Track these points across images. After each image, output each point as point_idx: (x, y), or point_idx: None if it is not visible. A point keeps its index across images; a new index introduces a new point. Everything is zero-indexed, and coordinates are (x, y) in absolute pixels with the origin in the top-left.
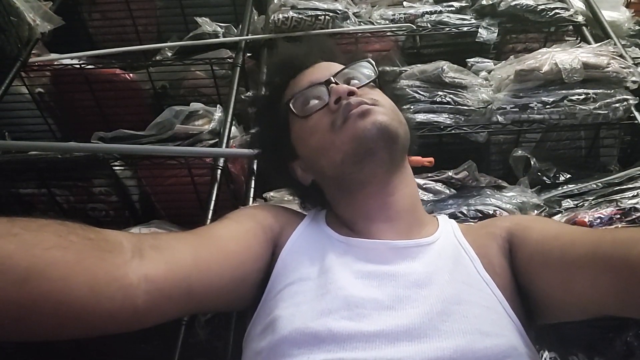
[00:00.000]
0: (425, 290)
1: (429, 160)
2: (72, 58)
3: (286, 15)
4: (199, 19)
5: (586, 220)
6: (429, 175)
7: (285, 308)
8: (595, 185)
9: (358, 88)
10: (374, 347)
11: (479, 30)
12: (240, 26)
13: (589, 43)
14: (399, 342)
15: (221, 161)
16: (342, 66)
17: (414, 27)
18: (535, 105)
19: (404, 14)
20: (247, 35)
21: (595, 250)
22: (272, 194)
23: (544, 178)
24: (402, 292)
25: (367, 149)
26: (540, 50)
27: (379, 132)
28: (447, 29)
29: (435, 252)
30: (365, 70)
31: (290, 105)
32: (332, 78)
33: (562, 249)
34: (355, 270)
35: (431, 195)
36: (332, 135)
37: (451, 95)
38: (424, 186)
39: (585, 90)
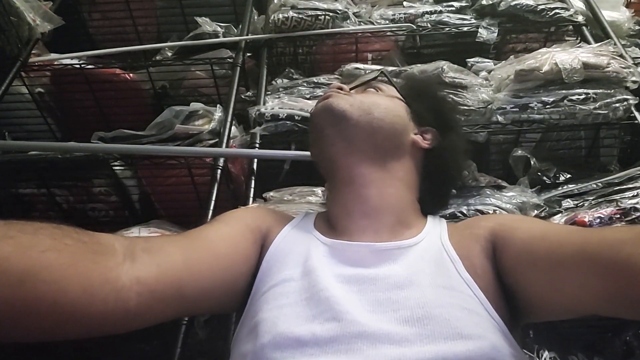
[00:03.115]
0: (405, 292)
1: None
2: (72, 58)
3: (286, 15)
4: (199, 19)
5: (586, 220)
6: None
7: (268, 310)
8: (595, 185)
9: (352, 88)
10: (355, 349)
11: (479, 30)
12: (240, 26)
13: (589, 43)
14: (381, 344)
15: (221, 161)
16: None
17: (414, 27)
18: (535, 105)
19: (404, 14)
20: (247, 35)
21: (583, 250)
22: (272, 194)
23: (544, 178)
24: (382, 295)
25: (315, 126)
26: (540, 50)
27: (323, 109)
28: (447, 29)
29: (416, 254)
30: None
31: None
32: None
33: (549, 249)
34: (337, 274)
35: None
36: None
37: (451, 95)
38: None
39: (585, 90)
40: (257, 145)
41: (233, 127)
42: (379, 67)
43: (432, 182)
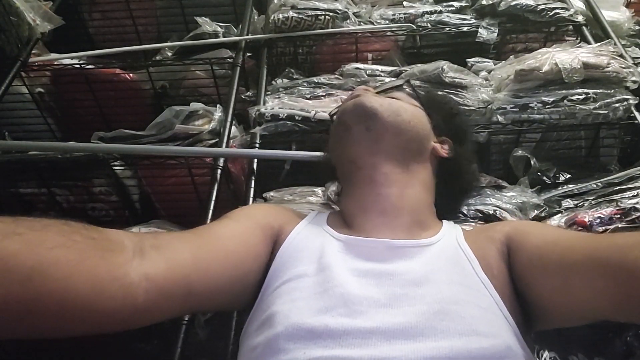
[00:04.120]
0: (422, 289)
1: None
2: (72, 58)
3: (286, 15)
4: (199, 19)
5: (586, 220)
6: None
7: (282, 304)
8: (595, 185)
9: (379, 92)
10: (370, 344)
11: (479, 30)
12: (240, 26)
13: (589, 43)
14: (395, 340)
15: (221, 161)
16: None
17: (414, 27)
18: (535, 105)
19: (404, 13)
20: (247, 35)
21: (592, 255)
22: (272, 193)
23: (544, 178)
24: (399, 291)
25: (342, 123)
26: (540, 50)
27: (354, 106)
28: (447, 29)
29: (433, 253)
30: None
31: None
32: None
33: (560, 254)
34: (353, 269)
35: None
36: None
37: (451, 95)
38: None
39: (585, 90)
40: (257, 145)
41: (233, 127)
42: (379, 67)
43: (446, 189)
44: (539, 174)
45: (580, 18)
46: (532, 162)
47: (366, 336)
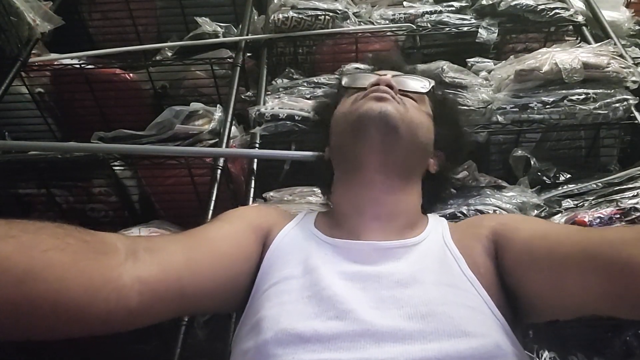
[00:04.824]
0: (409, 290)
1: None
2: (72, 58)
3: (286, 15)
4: (199, 19)
5: (586, 220)
6: None
7: (270, 308)
8: (595, 185)
9: (400, 90)
10: (358, 347)
11: (479, 30)
12: (240, 26)
13: (589, 43)
14: (384, 342)
15: (221, 161)
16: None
17: (414, 27)
18: (535, 105)
19: (404, 13)
20: (247, 35)
21: (584, 250)
22: (272, 194)
23: (544, 178)
24: (386, 293)
25: (362, 126)
26: (540, 50)
27: (380, 116)
28: (447, 29)
29: (420, 253)
30: (419, 84)
31: (342, 79)
32: (386, 74)
33: (549, 248)
34: (340, 271)
35: None
36: (351, 106)
37: (451, 95)
38: None
39: (585, 90)
40: (257, 145)
41: (233, 127)
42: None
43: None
44: (539, 174)
45: (580, 18)
46: (532, 162)
47: (355, 339)
